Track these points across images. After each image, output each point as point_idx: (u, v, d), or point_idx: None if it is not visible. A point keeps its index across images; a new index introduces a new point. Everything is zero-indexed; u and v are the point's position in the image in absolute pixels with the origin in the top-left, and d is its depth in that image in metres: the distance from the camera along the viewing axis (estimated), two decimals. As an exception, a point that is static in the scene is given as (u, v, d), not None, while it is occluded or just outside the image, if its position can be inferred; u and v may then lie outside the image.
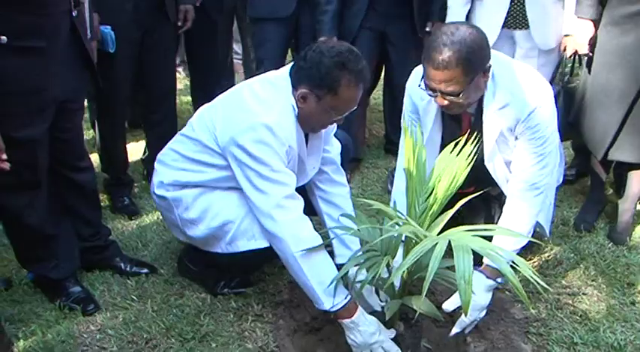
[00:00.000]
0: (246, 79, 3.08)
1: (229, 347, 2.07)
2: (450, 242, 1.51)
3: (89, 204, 2.44)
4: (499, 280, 2.06)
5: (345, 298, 1.91)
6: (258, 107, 2.00)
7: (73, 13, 2.08)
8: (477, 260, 1.58)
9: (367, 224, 1.95)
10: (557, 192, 2.65)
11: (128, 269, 2.50)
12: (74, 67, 2.18)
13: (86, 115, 3.09)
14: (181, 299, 2.33)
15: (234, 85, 3.57)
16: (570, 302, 2.36)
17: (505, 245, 2.03)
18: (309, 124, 2.09)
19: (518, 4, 2.82)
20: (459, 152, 1.80)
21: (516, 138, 2.15)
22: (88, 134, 3.43)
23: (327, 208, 2.35)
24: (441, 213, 1.79)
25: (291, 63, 2.09)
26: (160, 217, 2.90)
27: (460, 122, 2.30)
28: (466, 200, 1.80)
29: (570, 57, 2.91)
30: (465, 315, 1.72)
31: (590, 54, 2.68)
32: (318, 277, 1.91)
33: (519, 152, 2.16)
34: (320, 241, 1.94)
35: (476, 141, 1.83)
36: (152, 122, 3.14)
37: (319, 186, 2.35)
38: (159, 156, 2.32)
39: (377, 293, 2.13)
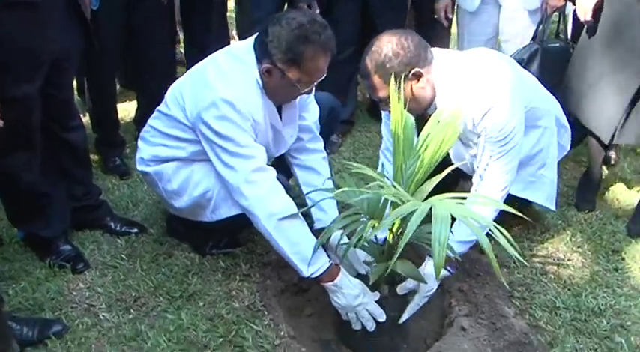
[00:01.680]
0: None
1: (216, 306, 2.10)
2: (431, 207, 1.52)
3: (80, 164, 2.45)
4: (450, 269, 2.08)
5: (325, 264, 1.93)
6: (220, 82, 1.99)
7: None
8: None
9: (352, 186, 1.95)
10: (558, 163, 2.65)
11: (118, 228, 2.51)
12: (68, 24, 2.15)
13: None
14: (170, 259, 2.36)
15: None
16: (555, 267, 2.39)
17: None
18: (277, 97, 2.08)
19: None
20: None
21: (478, 136, 2.14)
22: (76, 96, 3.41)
23: (303, 174, 2.36)
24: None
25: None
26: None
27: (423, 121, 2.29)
28: (453, 167, 1.80)
29: (551, 14, 2.89)
30: (437, 279, 1.78)
31: (592, 21, 2.56)
32: (293, 247, 1.93)
33: (480, 151, 2.14)
34: (293, 210, 1.95)
35: None
36: (143, 83, 3.12)
37: (294, 154, 2.36)
38: (141, 132, 2.34)
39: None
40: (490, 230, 1.55)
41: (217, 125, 1.95)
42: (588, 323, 2.10)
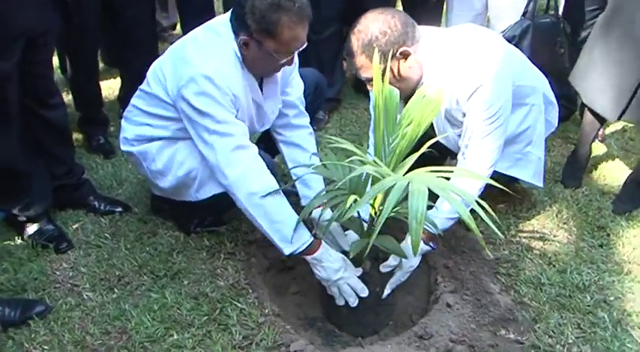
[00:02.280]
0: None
1: (201, 285, 2.09)
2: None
3: (61, 142, 2.41)
4: (432, 244, 2.08)
5: (306, 242, 1.92)
6: (199, 57, 1.96)
7: None
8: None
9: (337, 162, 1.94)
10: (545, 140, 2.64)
11: (102, 207, 2.49)
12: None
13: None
14: (155, 238, 2.34)
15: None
16: (541, 244, 2.40)
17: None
18: (257, 70, 2.05)
19: None
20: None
21: (464, 115, 2.12)
22: (58, 74, 3.35)
23: (289, 151, 2.34)
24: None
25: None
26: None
27: None
28: (433, 141, 1.78)
29: None
30: (414, 256, 1.78)
31: None
32: (273, 225, 1.93)
33: (467, 129, 2.12)
34: (274, 190, 1.94)
35: None
36: (126, 60, 3.07)
37: (279, 131, 2.34)
38: (125, 112, 2.31)
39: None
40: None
41: (196, 101, 1.93)
42: (572, 298, 2.11)
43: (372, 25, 1.97)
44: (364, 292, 1.92)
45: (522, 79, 2.25)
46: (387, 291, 2.00)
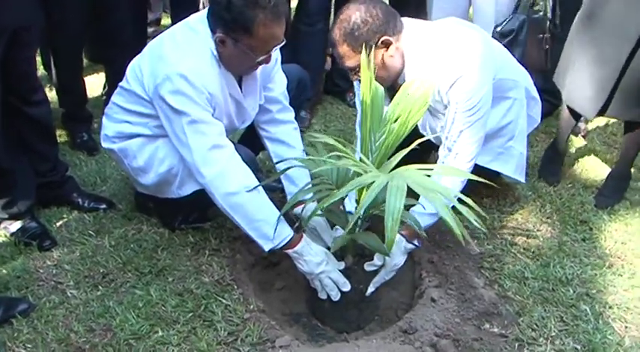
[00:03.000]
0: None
1: (186, 281, 2.09)
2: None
3: (44, 139, 2.40)
4: (417, 242, 2.09)
5: (286, 237, 1.94)
6: (175, 55, 1.95)
7: None
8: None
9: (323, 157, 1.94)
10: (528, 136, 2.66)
11: (86, 204, 2.47)
12: None
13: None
14: (139, 234, 2.33)
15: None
16: (525, 238, 2.42)
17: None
18: (234, 68, 2.03)
19: None
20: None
21: (446, 107, 2.13)
22: (42, 71, 3.31)
23: (275, 147, 2.33)
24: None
25: None
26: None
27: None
28: (421, 140, 1.79)
29: None
30: (386, 253, 1.80)
31: None
32: (251, 223, 1.94)
33: (448, 121, 2.12)
34: (251, 188, 1.93)
35: None
36: (110, 56, 3.04)
37: (264, 127, 2.33)
38: (105, 109, 2.29)
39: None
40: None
41: (172, 100, 1.92)
42: (555, 292, 2.13)
43: (354, 15, 1.99)
44: (346, 286, 1.93)
45: (504, 73, 2.27)
46: (370, 289, 2.02)
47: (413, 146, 1.76)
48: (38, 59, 2.69)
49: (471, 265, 2.24)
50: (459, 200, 1.60)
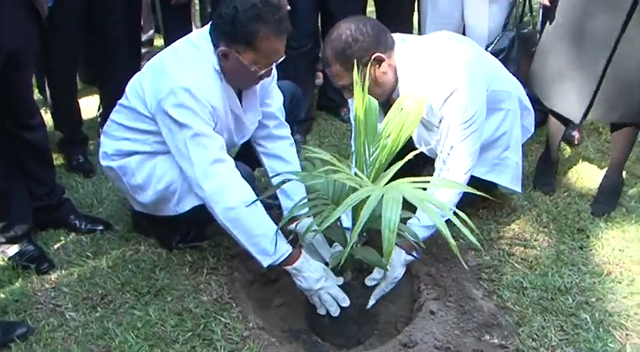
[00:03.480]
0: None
1: (184, 300, 2.08)
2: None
3: (42, 163, 2.40)
4: (415, 254, 2.09)
5: (285, 253, 1.94)
6: (178, 70, 1.98)
7: None
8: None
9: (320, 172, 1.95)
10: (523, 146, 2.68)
11: (83, 226, 2.48)
12: (19, 17, 2.10)
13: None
14: (137, 255, 2.33)
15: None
16: (522, 248, 2.42)
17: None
18: (236, 81, 2.07)
19: None
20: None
21: (440, 120, 2.15)
22: (37, 94, 3.32)
23: (271, 163, 2.35)
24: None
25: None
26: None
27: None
28: (415, 152, 1.80)
29: (522, 2, 2.91)
30: (385, 267, 1.81)
31: (549, 4, 2.59)
32: (251, 239, 1.94)
33: (443, 134, 2.15)
34: (251, 203, 1.94)
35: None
36: (105, 78, 3.06)
37: (260, 142, 2.35)
38: (104, 128, 2.31)
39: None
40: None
41: (175, 113, 1.94)
42: (555, 301, 2.13)
43: (345, 33, 2.01)
44: (345, 302, 1.93)
45: (497, 84, 2.29)
46: (371, 302, 2.02)
47: (408, 158, 1.77)
48: (33, 82, 2.71)
49: (469, 276, 2.24)
50: (454, 213, 1.61)
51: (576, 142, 3.26)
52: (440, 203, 1.57)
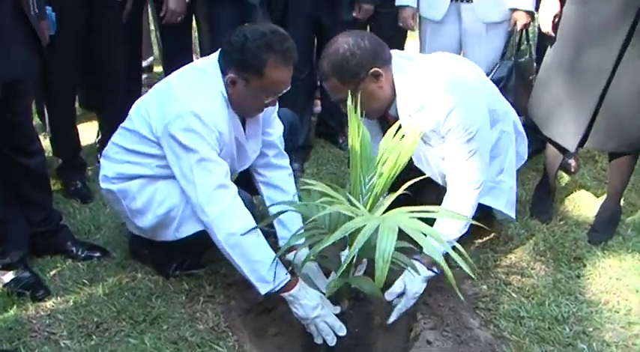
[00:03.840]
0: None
1: (180, 329, 2.07)
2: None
3: (40, 189, 2.41)
4: (436, 270, 2.09)
5: (283, 281, 1.94)
6: (186, 95, 2.00)
7: None
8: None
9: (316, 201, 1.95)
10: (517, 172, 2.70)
11: (80, 253, 2.47)
12: (20, 45, 2.12)
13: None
14: (133, 282, 2.32)
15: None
16: (519, 277, 2.41)
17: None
18: (242, 109, 2.09)
19: None
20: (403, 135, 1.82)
21: (443, 137, 2.16)
22: (36, 120, 3.34)
23: (269, 192, 2.36)
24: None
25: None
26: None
27: (389, 124, 2.30)
28: (413, 181, 1.81)
29: (520, 31, 2.95)
30: (381, 297, 1.82)
31: (553, 34, 2.59)
32: (251, 265, 1.95)
33: (449, 152, 2.17)
34: (252, 230, 1.96)
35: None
36: (104, 104, 3.09)
37: (259, 171, 2.37)
38: (104, 151, 2.32)
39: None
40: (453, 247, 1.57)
41: (183, 137, 1.95)
42: (552, 331, 2.12)
43: (342, 48, 2.03)
44: (342, 331, 1.93)
45: (495, 104, 2.32)
46: (392, 318, 2.04)
47: (402, 189, 1.78)
48: (32, 108, 2.73)
49: (465, 306, 2.23)
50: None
51: (573, 170, 3.28)
52: (437, 235, 1.58)
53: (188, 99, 1.98)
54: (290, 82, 2.03)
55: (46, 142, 3.07)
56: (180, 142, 1.96)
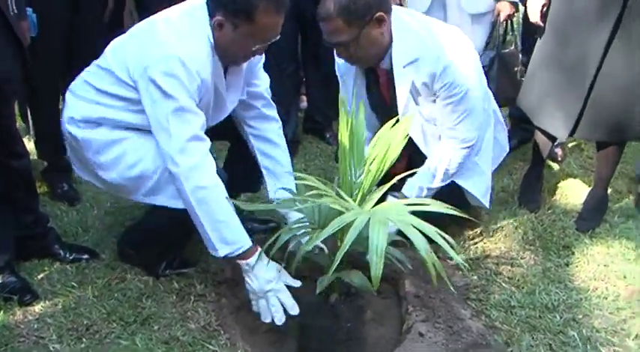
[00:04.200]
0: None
1: (172, 329, 2.06)
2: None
3: (27, 191, 2.38)
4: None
5: (243, 245, 1.93)
6: (172, 38, 1.91)
7: None
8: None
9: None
10: (502, 162, 2.71)
11: (68, 255, 2.44)
12: (3, 47, 2.10)
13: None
14: (123, 283, 2.30)
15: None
16: (509, 267, 2.43)
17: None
18: (228, 55, 2.01)
19: None
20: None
21: (435, 95, 2.17)
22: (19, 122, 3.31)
23: (260, 144, 2.35)
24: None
25: None
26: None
27: (378, 78, 2.33)
28: (402, 176, 1.82)
29: (504, 21, 2.95)
30: (372, 291, 1.80)
31: (542, 24, 2.60)
32: (214, 224, 1.92)
33: (443, 112, 2.19)
34: (220, 188, 1.93)
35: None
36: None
37: (250, 123, 2.34)
38: (71, 86, 2.18)
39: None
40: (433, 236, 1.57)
41: (163, 81, 1.87)
42: (542, 319, 2.13)
43: None
44: (294, 309, 1.92)
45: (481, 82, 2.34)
46: None
47: (394, 181, 1.78)
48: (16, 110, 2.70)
49: (456, 297, 2.24)
50: (440, 236, 1.62)
51: (560, 159, 3.30)
52: (426, 227, 1.58)
53: (172, 43, 1.90)
54: (279, 30, 1.96)
55: (30, 145, 3.05)
56: (160, 87, 1.87)
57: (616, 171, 2.90)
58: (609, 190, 2.86)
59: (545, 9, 2.56)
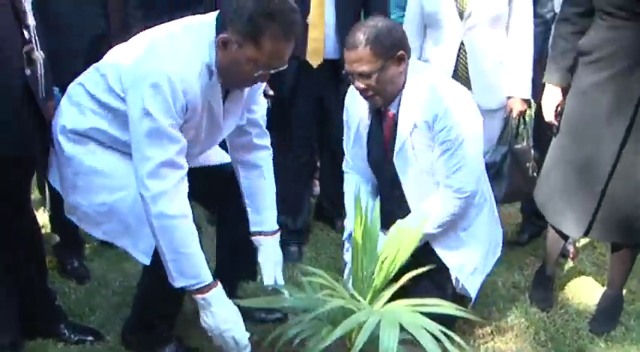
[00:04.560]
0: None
1: None
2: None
3: (37, 268, 2.38)
4: None
5: (202, 281, 1.89)
6: (167, 54, 1.85)
7: (27, 72, 2.05)
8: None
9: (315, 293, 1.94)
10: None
11: (72, 336, 2.41)
12: (27, 126, 2.16)
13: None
14: (125, 369, 2.27)
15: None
16: (521, 369, 2.37)
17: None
18: (229, 77, 1.92)
19: (463, 67, 2.93)
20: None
21: (434, 139, 2.22)
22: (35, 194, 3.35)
23: (246, 171, 2.32)
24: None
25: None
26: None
27: (382, 121, 2.37)
28: (412, 274, 1.82)
29: (516, 118, 3.01)
30: None
31: (556, 123, 2.62)
32: (174, 255, 1.87)
33: (439, 160, 2.23)
34: (188, 219, 1.89)
35: None
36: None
37: (240, 152, 2.31)
38: (68, 89, 2.10)
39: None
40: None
41: (147, 95, 1.79)
42: None
43: (381, 22, 2.18)
44: (247, 350, 1.90)
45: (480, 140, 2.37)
46: None
47: (404, 280, 1.78)
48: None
49: (467, 399, 2.18)
50: (447, 336, 1.60)
51: (571, 256, 3.27)
52: (435, 329, 1.58)
53: (164, 60, 1.82)
54: (286, 60, 1.88)
55: (44, 217, 3.07)
56: (143, 101, 1.80)
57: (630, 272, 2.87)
58: (624, 291, 2.82)
59: (559, 108, 2.61)
